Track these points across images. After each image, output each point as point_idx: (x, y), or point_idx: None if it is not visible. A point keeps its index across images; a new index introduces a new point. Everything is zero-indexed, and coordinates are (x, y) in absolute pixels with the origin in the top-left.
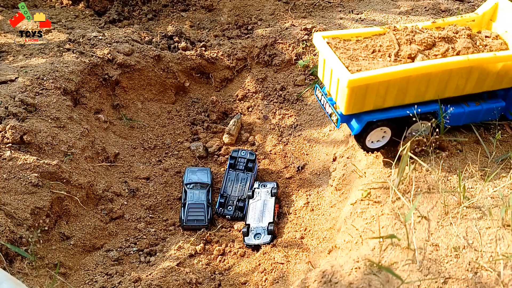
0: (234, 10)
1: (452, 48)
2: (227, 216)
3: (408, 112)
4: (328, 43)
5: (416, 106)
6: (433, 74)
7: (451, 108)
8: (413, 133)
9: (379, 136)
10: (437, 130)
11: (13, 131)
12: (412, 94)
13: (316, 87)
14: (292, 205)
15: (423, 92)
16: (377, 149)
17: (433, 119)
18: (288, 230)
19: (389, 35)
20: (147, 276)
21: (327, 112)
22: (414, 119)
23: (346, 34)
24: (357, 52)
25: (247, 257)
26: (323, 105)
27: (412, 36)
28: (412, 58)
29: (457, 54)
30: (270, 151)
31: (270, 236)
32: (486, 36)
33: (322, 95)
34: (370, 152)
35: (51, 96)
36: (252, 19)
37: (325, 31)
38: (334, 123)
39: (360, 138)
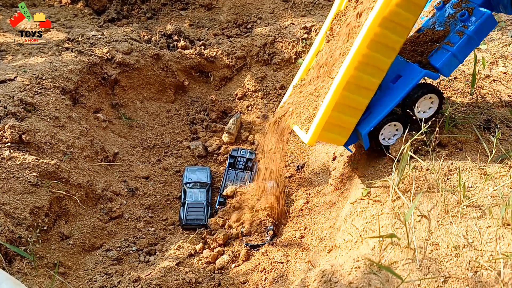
0: (233, 9)
1: (350, 32)
2: None
3: (391, 108)
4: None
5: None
6: (361, 63)
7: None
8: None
9: (393, 132)
10: (437, 129)
11: (12, 130)
12: (377, 76)
13: None
14: (292, 204)
15: (378, 72)
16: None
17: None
18: (287, 230)
19: (311, 73)
20: (146, 275)
21: None
22: (415, 96)
23: (295, 100)
24: (305, 108)
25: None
26: None
27: (317, 59)
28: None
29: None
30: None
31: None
32: None
33: None
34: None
35: (50, 95)
36: (251, 17)
37: (295, 116)
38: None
39: (374, 142)
